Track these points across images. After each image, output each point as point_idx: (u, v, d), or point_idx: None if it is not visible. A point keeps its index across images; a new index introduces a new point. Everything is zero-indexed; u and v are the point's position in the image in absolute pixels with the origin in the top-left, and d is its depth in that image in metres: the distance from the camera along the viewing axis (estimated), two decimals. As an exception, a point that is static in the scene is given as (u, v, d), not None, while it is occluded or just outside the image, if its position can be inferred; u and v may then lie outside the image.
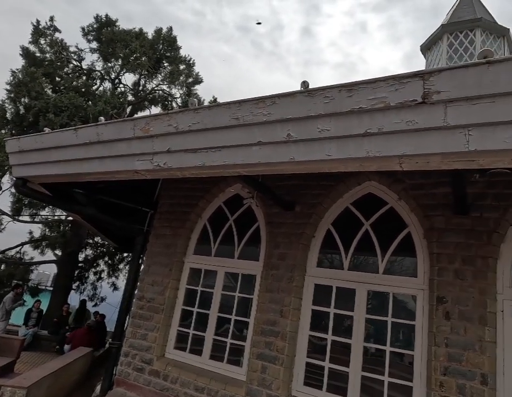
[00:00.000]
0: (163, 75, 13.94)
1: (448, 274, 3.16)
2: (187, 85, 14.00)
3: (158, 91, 14.46)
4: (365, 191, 3.96)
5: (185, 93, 13.76)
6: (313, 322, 3.76)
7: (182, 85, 13.84)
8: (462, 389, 2.84)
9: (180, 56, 14.12)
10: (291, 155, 2.51)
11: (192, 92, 13.84)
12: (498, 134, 1.90)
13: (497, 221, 3.14)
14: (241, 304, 4.23)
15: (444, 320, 3.05)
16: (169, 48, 13.95)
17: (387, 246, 3.65)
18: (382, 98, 2.18)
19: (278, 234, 4.13)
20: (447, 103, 2.01)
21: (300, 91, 2.47)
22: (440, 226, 3.33)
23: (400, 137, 2.15)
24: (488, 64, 1.91)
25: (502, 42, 10.01)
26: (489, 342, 2.87)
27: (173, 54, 13.88)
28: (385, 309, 3.44)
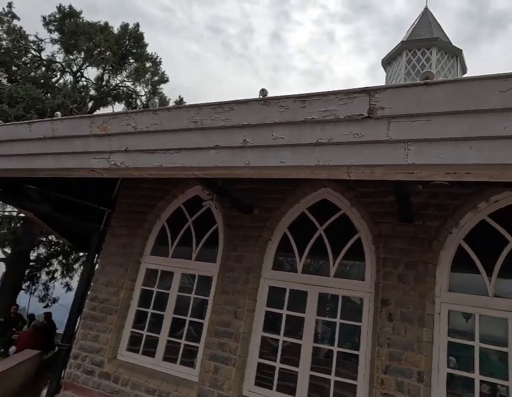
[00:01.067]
0: (128, 71, 13.65)
1: (392, 278, 3.36)
2: (153, 83, 13.79)
3: (122, 87, 14.14)
4: (320, 197, 4.12)
5: (150, 91, 13.55)
6: (266, 323, 3.85)
7: (147, 83, 13.62)
8: (400, 386, 3.03)
9: (146, 53, 13.89)
10: (247, 160, 2.58)
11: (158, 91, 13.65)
12: (433, 150, 2.07)
13: (438, 230, 3.38)
14: (197, 306, 4.25)
15: (387, 321, 3.24)
16: (135, 45, 13.68)
17: (339, 251, 3.82)
18: (333, 111, 2.31)
19: (236, 237, 4.19)
20: (390, 119, 2.17)
21: (256, 99, 2.56)
22: (387, 233, 3.54)
23: (348, 148, 2.28)
24: (426, 86, 2.09)
25: (455, 62, 10.69)
26: (426, 342, 3.09)
27: (139, 51, 13.63)
28: (334, 311, 3.60)
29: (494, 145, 1.94)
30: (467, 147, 1.99)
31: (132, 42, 13.70)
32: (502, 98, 1.91)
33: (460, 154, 2.01)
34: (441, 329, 3.16)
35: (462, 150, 2.00)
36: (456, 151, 2.02)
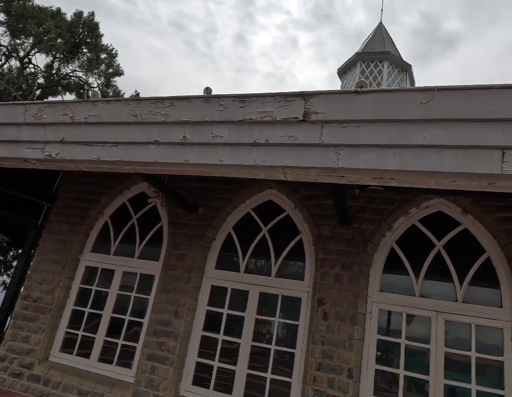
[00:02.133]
0: (80, 61, 13.06)
1: (329, 278, 3.48)
2: (107, 75, 13.28)
3: (73, 77, 13.50)
4: (266, 198, 4.18)
5: (104, 83, 13.04)
6: (206, 322, 3.84)
7: (100, 75, 13.10)
8: (331, 382, 3.14)
9: (101, 44, 13.37)
10: (186, 157, 2.57)
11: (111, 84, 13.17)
12: (361, 155, 2.18)
13: (373, 233, 3.55)
14: (138, 305, 4.14)
15: (323, 320, 3.35)
16: (89, 34, 13.13)
17: (281, 251, 3.89)
18: (270, 113, 2.36)
19: (180, 235, 4.15)
20: (323, 123, 2.25)
21: (197, 96, 2.56)
22: (326, 235, 3.66)
23: (284, 149, 2.34)
24: (356, 94, 2.19)
25: (405, 76, 11.28)
26: (357, 339, 3.23)
27: (94, 41, 13.10)
28: (274, 310, 3.66)
29: (414, 153, 2.07)
30: (391, 154, 2.11)
31: (86, 31, 13.13)
32: (422, 110, 2.04)
33: (385, 160, 2.12)
34: (371, 327, 3.31)
35: (386, 156, 2.12)
36: (381, 157, 2.13)
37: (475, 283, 3.26)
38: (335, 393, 3.09)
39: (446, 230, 3.48)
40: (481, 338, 3.10)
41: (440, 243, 3.44)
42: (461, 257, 3.36)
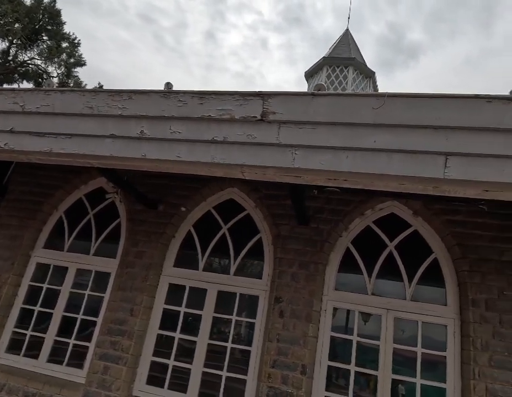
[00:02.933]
0: (40, 49, 12.44)
1: (286, 276, 3.53)
2: (68, 65, 12.74)
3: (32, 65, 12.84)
4: (227, 197, 4.18)
5: (64, 73, 12.50)
6: (163, 321, 3.78)
7: (61, 64, 12.54)
8: (285, 379, 3.19)
9: (63, 32, 12.81)
10: (143, 152, 2.52)
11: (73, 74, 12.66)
12: (317, 156, 2.23)
13: (329, 233, 3.64)
14: (92, 303, 4.01)
15: (279, 318, 3.39)
16: (50, 21, 12.53)
17: (240, 250, 3.91)
18: (229, 111, 2.37)
19: (139, 232, 4.06)
20: (280, 123, 2.29)
21: (156, 91, 2.52)
22: (285, 234, 3.71)
23: (241, 148, 2.35)
24: (312, 96, 2.25)
25: (369, 82, 11.64)
26: (311, 337, 3.30)
27: (55, 28, 12.52)
28: (231, 308, 3.67)
29: (366, 156, 2.15)
30: (344, 156, 2.18)
31: (47, 18, 12.53)
32: (374, 115, 2.13)
33: (339, 162, 2.19)
34: (326, 325, 3.40)
35: (340, 158, 2.18)
36: (335, 159, 2.20)
37: (423, 282, 3.43)
38: (289, 390, 3.15)
39: (397, 232, 3.63)
40: (427, 335, 3.27)
41: (391, 244, 3.58)
42: (411, 257, 3.52)
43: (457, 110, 2.01)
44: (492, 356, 2.95)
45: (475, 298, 3.13)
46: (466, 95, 2.02)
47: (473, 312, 3.09)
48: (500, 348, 2.95)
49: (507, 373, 2.87)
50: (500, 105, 1.98)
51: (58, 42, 12.43)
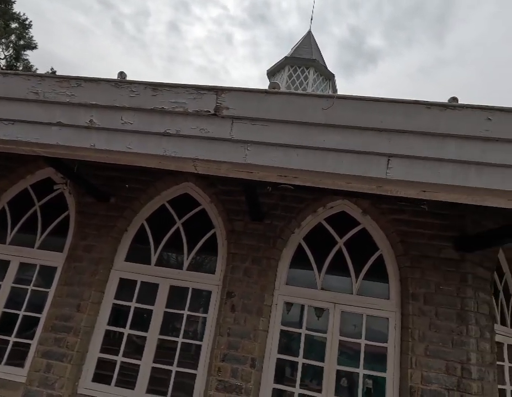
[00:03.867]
0: (-15, 27, 11.56)
1: (239, 271, 3.57)
2: (17, 47, 11.94)
3: (-24, 45, 11.91)
4: (182, 191, 4.14)
5: (12, 56, 11.70)
6: (112, 316, 3.69)
7: (9, 46, 11.74)
8: (235, 372, 3.23)
9: (12, 12, 11.98)
10: (92, 141, 2.45)
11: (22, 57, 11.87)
12: (268, 153, 2.28)
13: (283, 229, 3.72)
14: (35, 299, 3.83)
15: (230, 312, 3.42)
16: (-2, -1, 11.68)
17: (194, 245, 3.89)
18: (182, 104, 2.35)
19: (88, 225, 3.92)
20: (233, 119, 2.31)
21: (107, 79, 2.45)
22: (239, 230, 3.74)
23: (194, 141, 2.35)
24: (265, 93, 2.29)
25: (329, 84, 11.92)
26: (261, 330, 3.36)
27: (3, 7, 11.67)
28: (183, 303, 3.65)
29: (315, 155, 2.22)
30: (295, 154, 2.24)
31: (-6, -5, 11.66)
32: (324, 115, 2.20)
33: (289, 159, 2.25)
34: (276, 318, 3.48)
35: (290, 156, 2.24)
36: (286, 156, 2.25)
37: (369, 278, 3.60)
38: (238, 383, 3.19)
39: (347, 229, 3.78)
40: (370, 327, 3.44)
41: (341, 241, 3.73)
42: (358, 253, 3.68)
43: (399, 114, 2.13)
44: (428, 346, 3.16)
45: (415, 292, 3.33)
46: (407, 101, 2.14)
47: (413, 305, 3.29)
48: (435, 339, 3.17)
49: (441, 361, 3.09)
50: (437, 111, 2.12)
51: (7, 22, 11.57)
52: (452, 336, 3.16)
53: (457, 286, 3.31)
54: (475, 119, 2.09)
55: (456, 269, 3.36)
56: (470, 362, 3.07)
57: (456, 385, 3.03)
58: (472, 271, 3.36)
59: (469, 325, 3.17)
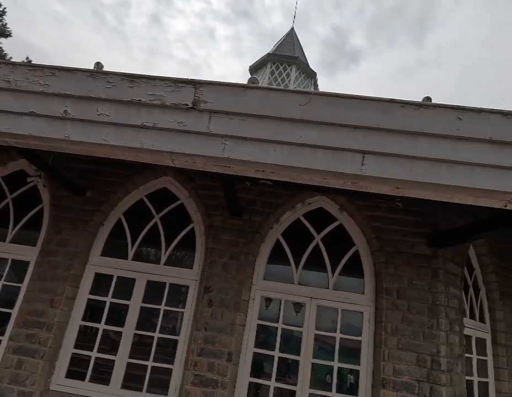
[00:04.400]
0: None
1: (217, 266, 3.57)
2: (-10, 34, 11.51)
3: None
4: (161, 185, 4.10)
5: (-16, 43, 11.25)
6: (87, 311, 3.63)
7: (-19, 33, 11.29)
8: (211, 366, 3.24)
9: (-15, -2, 11.51)
10: (67, 132, 2.39)
11: (-5, 45, 11.44)
12: (246, 147, 2.28)
13: (261, 224, 3.74)
14: (6, 294, 3.72)
15: (208, 307, 3.42)
16: (-30, -17, 11.19)
17: (172, 240, 3.86)
18: (160, 96, 2.33)
19: (63, 219, 3.84)
20: (211, 113, 2.30)
21: (82, 69, 2.40)
22: (218, 225, 3.74)
23: (172, 135, 2.33)
24: (243, 88, 2.29)
25: (310, 82, 12.00)
26: (238, 325, 3.38)
27: (-24, -8, 11.21)
28: (161, 298, 3.63)
29: (292, 150, 2.24)
30: (272, 149, 2.26)
31: (-34, -21, 11.17)
32: (301, 111, 2.22)
33: (266, 154, 2.26)
34: (253, 313, 3.50)
35: (267, 151, 2.25)
36: (263, 151, 2.26)
37: (345, 273, 3.66)
38: (214, 377, 3.20)
39: (324, 225, 3.83)
40: (346, 321, 3.50)
41: (318, 237, 3.78)
42: (335, 249, 3.74)
43: (374, 112, 2.17)
44: (400, 339, 3.24)
45: (388, 287, 3.41)
46: (383, 99, 2.19)
47: (386, 300, 3.37)
48: (407, 332, 3.26)
49: (412, 354, 3.18)
50: (411, 110, 2.17)
51: (-21, 8, 11.15)
52: (423, 329, 3.26)
53: (429, 281, 3.41)
54: (446, 119, 2.15)
55: (428, 265, 3.46)
56: (440, 354, 3.17)
57: (426, 376, 3.13)
58: (443, 267, 3.47)
59: (440, 318, 3.28)
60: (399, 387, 3.11)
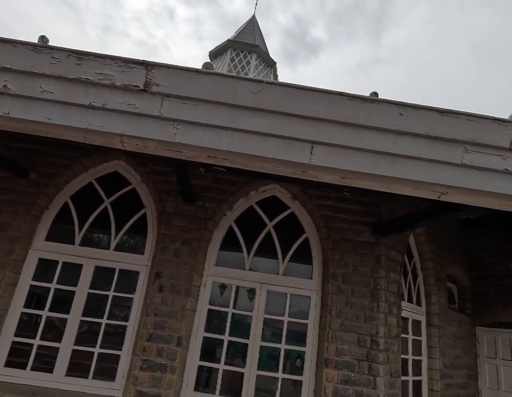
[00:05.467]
0: None
1: (169, 252, 3.55)
2: None
3: None
4: (112, 169, 3.98)
5: None
6: (30, 298, 3.48)
7: None
8: (160, 351, 3.25)
9: None
10: (6, 109, 2.25)
11: None
12: (198, 133, 2.28)
13: (214, 211, 3.76)
14: None
15: (158, 292, 3.41)
16: None
17: (123, 225, 3.78)
18: (109, 76, 2.25)
19: (3, 201, 3.62)
20: (164, 96, 2.27)
21: (24, 42, 2.26)
22: (170, 210, 3.71)
23: (121, 116, 2.27)
24: (197, 73, 2.28)
25: (270, 71, 12.03)
26: (189, 310, 3.40)
27: None
28: (110, 284, 3.55)
29: (244, 138, 2.27)
30: (224, 135, 2.27)
31: None
32: (253, 99, 2.25)
33: (219, 140, 2.27)
34: (204, 298, 3.54)
35: (220, 137, 2.27)
36: (215, 137, 2.27)
37: (295, 259, 3.79)
38: (163, 361, 3.21)
39: (277, 213, 3.93)
40: (294, 305, 3.64)
41: (270, 224, 3.87)
42: (286, 236, 3.85)
43: (323, 104, 2.25)
44: (343, 322, 3.43)
45: (334, 272, 3.59)
46: (332, 91, 2.27)
47: (332, 284, 3.55)
48: (350, 315, 3.45)
49: (353, 335, 3.39)
50: (358, 103, 2.28)
51: None
52: (365, 312, 3.47)
53: (372, 267, 3.62)
54: (389, 113, 2.28)
55: (371, 252, 3.67)
56: (379, 335, 3.40)
57: (365, 355, 3.35)
58: (385, 254, 3.70)
59: (380, 302, 3.50)
60: (340, 366, 3.30)
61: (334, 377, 3.28)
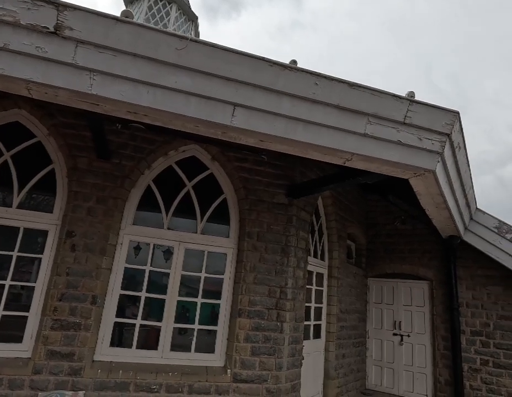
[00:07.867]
0: None
1: (81, 211, 3.40)
2: None
3: None
4: (12, 119, 3.58)
5: None
6: None
7: None
8: (73, 310, 3.18)
9: None
10: None
11: None
12: (116, 85, 2.19)
13: (132, 169, 3.66)
14: None
15: (70, 252, 3.28)
16: None
17: (27, 181, 3.49)
18: (12, 12, 2.02)
19: None
20: (78, 42, 2.11)
21: None
22: (83, 167, 3.51)
23: (28, 60, 2.07)
24: (116, 20, 2.15)
25: (191, 26, 11.46)
26: (104, 269, 3.35)
27: None
28: (13, 244, 3.30)
29: (166, 95, 2.25)
30: (145, 91, 2.22)
31: None
32: (177, 55, 2.22)
33: (139, 95, 2.22)
34: (121, 257, 3.51)
35: (140, 92, 2.21)
36: (136, 92, 2.21)
37: (213, 219, 3.92)
38: (76, 320, 3.16)
39: (196, 173, 3.97)
40: (211, 262, 3.81)
41: (190, 184, 3.90)
42: (205, 197, 3.94)
43: (246, 67, 2.32)
44: (256, 276, 3.71)
45: (250, 231, 3.81)
46: (254, 56, 2.34)
47: (247, 242, 3.77)
48: (263, 269, 3.74)
49: (264, 287, 3.69)
50: (278, 70, 2.39)
51: None
52: (276, 266, 3.79)
53: (284, 226, 3.92)
54: (306, 82, 2.44)
55: (284, 213, 3.96)
56: (287, 286, 3.76)
57: (275, 305, 3.69)
58: (296, 214, 4.03)
59: (290, 257, 3.84)
60: (252, 315, 3.60)
61: (246, 325, 3.57)
